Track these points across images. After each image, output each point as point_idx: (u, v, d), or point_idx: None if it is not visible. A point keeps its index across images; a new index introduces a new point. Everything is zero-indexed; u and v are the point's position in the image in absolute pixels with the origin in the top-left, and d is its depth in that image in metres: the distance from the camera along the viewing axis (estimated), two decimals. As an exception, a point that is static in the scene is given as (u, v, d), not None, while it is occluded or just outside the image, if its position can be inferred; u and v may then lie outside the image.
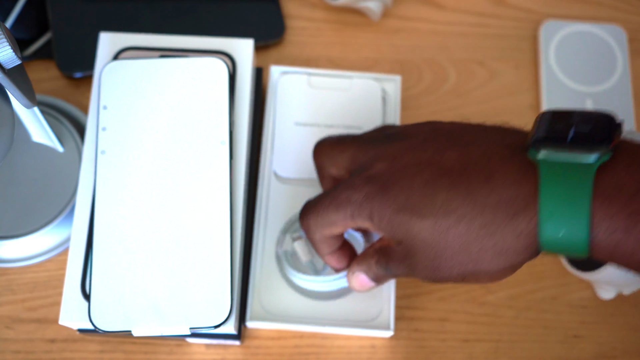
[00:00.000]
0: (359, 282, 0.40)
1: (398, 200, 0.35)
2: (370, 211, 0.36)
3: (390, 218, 0.35)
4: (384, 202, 0.35)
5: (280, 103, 0.53)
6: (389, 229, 0.35)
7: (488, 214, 0.32)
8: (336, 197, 0.37)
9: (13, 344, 0.49)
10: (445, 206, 0.33)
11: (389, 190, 0.35)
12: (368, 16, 0.60)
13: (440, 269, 0.35)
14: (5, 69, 0.37)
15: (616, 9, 0.62)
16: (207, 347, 0.49)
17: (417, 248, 0.35)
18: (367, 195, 0.36)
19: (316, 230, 0.39)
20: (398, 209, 0.35)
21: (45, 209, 0.50)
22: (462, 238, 0.33)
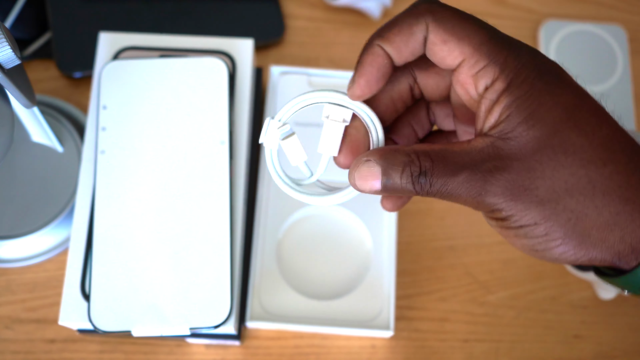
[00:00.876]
0: (363, 175, 0.29)
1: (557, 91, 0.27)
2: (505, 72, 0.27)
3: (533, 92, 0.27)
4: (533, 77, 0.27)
5: (280, 103, 0.53)
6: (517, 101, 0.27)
7: (636, 179, 0.27)
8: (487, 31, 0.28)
9: (12, 344, 0.49)
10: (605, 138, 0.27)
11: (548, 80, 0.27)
12: (368, 16, 0.60)
13: (530, 192, 0.27)
14: (4, 69, 0.37)
15: (616, 9, 0.62)
16: (207, 347, 0.49)
17: (525, 149, 0.27)
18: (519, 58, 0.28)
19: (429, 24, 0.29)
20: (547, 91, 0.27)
21: (45, 209, 0.50)
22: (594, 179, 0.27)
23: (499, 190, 0.27)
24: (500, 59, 0.27)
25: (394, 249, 0.49)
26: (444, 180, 0.27)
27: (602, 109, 0.28)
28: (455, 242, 0.53)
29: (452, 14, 0.28)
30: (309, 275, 0.49)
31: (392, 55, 0.29)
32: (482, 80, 0.28)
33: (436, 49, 0.29)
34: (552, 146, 0.27)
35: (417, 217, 0.53)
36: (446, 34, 0.28)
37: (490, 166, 0.27)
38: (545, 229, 0.27)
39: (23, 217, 0.50)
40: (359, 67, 0.30)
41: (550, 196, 0.27)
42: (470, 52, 0.28)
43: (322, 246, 0.50)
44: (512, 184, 0.27)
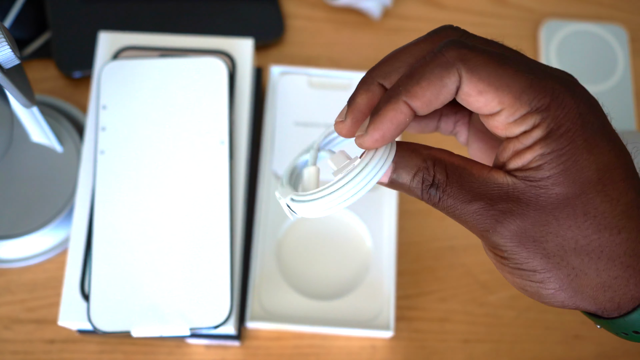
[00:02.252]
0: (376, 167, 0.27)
1: (594, 149, 0.26)
2: (546, 120, 0.26)
3: (570, 148, 0.26)
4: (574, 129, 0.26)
5: (280, 103, 0.53)
6: (551, 154, 0.26)
7: None
8: (528, 77, 0.26)
9: (12, 344, 0.48)
10: (627, 205, 0.26)
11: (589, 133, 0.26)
12: (368, 16, 0.60)
13: (538, 244, 0.26)
14: (4, 69, 0.37)
15: (617, 9, 0.62)
16: (207, 347, 0.49)
17: (547, 202, 0.26)
18: (563, 106, 0.26)
19: (462, 75, 0.26)
20: (585, 149, 0.26)
21: (45, 209, 0.50)
22: (605, 244, 0.26)
23: (507, 234, 0.26)
24: (542, 106, 0.26)
25: (394, 249, 0.49)
26: (455, 202, 0.27)
27: (633, 168, 0.27)
28: (455, 242, 0.53)
29: (486, 60, 0.26)
30: (309, 275, 0.49)
31: (417, 110, 0.27)
32: (519, 127, 0.26)
33: (471, 99, 0.26)
34: (574, 206, 0.26)
35: (417, 217, 0.53)
36: (482, 84, 0.26)
37: (505, 207, 0.26)
38: (543, 278, 0.27)
39: (23, 217, 0.50)
40: (378, 119, 0.27)
41: (557, 252, 0.26)
42: (510, 102, 0.26)
43: (322, 246, 0.50)
44: (523, 231, 0.26)
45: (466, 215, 0.27)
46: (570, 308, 0.28)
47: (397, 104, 0.26)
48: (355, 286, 0.48)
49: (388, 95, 0.27)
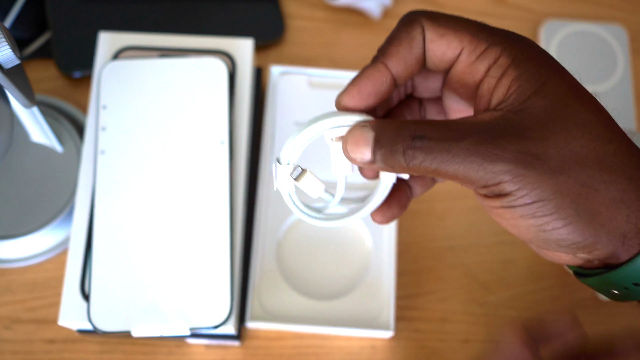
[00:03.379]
0: (355, 140, 0.28)
1: (560, 68, 0.27)
2: (508, 49, 0.27)
3: (538, 67, 0.27)
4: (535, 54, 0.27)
5: (280, 103, 0.53)
6: (524, 74, 0.26)
7: (636, 161, 0.26)
8: (478, 22, 0.29)
9: (12, 344, 0.49)
10: (609, 119, 0.26)
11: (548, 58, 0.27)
12: (368, 16, 0.60)
13: (543, 162, 0.25)
14: (4, 69, 0.37)
15: (617, 9, 0.62)
16: (207, 347, 0.49)
17: (536, 120, 0.26)
18: (517, 39, 0.28)
19: (425, 27, 0.29)
20: (552, 68, 0.27)
21: (45, 209, 0.50)
22: (602, 154, 0.26)
23: (509, 156, 0.25)
24: (500, 40, 0.27)
25: (394, 249, 0.49)
26: (446, 145, 0.25)
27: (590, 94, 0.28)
28: (455, 242, 0.53)
29: (443, 14, 0.29)
30: (309, 276, 0.49)
31: (395, 72, 0.29)
32: (484, 62, 0.27)
33: (434, 45, 0.28)
34: (563, 117, 0.26)
35: (417, 217, 0.53)
36: (442, 28, 0.28)
37: (499, 134, 0.25)
38: (556, 206, 0.25)
39: (23, 217, 0.50)
40: (355, 78, 0.29)
41: (562, 167, 0.25)
42: (468, 39, 0.28)
43: (322, 246, 0.50)
44: (524, 150, 0.25)
45: (460, 156, 0.25)
46: (581, 253, 0.26)
47: (374, 64, 0.29)
48: (355, 286, 0.48)
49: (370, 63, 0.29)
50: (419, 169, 0.26)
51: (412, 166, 0.26)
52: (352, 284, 0.49)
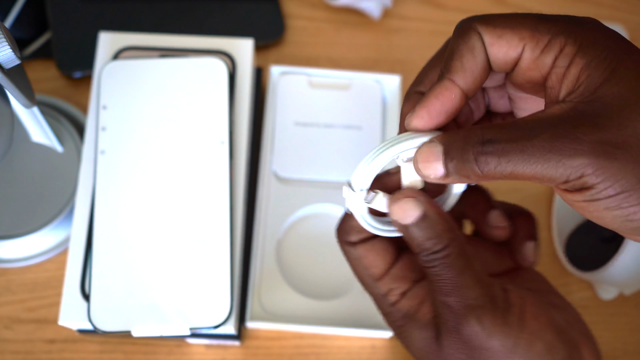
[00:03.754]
0: (425, 157, 0.27)
1: (631, 50, 0.25)
2: (571, 38, 0.26)
3: (607, 53, 0.25)
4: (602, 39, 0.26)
5: (280, 103, 0.53)
6: (592, 63, 0.25)
7: None
8: (535, 15, 0.28)
9: (12, 344, 0.49)
10: None
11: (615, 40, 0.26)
12: (368, 16, 0.60)
13: (624, 151, 0.24)
14: (4, 69, 0.37)
15: (617, 9, 0.62)
16: (207, 347, 0.49)
17: (610, 108, 0.24)
18: (580, 25, 0.27)
19: (480, 31, 0.28)
20: (622, 50, 0.25)
21: (45, 209, 0.50)
22: None
23: (587, 149, 0.24)
24: (562, 28, 0.26)
25: (394, 249, 0.49)
26: (519, 145, 0.24)
27: None
28: (455, 242, 0.53)
29: (497, 15, 0.28)
30: (309, 275, 0.49)
31: (463, 85, 0.28)
32: (550, 54, 0.26)
33: (495, 48, 0.27)
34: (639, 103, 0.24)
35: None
36: (499, 29, 0.27)
37: (575, 124, 0.24)
38: None
39: (23, 217, 0.50)
40: (424, 98, 0.28)
41: None
42: (529, 34, 0.27)
43: (322, 246, 0.50)
44: (603, 141, 0.24)
45: (535, 154, 0.24)
46: None
47: (440, 81, 0.27)
48: (356, 286, 0.48)
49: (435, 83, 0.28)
50: (494, 174, 0.25)
51: (487, 172, 0.25)
52: (352, 283, 0.49)
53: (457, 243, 0.29)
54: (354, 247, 0.32)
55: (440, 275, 0.28)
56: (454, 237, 0.28)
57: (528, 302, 0.29)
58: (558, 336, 0.29)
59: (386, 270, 0.32)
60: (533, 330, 0.28)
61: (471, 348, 0.28)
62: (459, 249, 0.28)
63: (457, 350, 0.29)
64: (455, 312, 0.28)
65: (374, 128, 0.52)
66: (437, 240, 0.28)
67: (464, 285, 0.28)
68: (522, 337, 0.28)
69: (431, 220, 0.28)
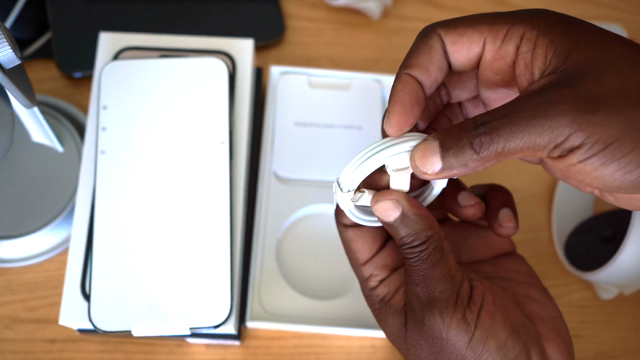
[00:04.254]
0: (423, 154, 0.28)
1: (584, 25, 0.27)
2: (528, 24, 0.27)
3: (566, 29, 0.27)
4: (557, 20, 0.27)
5: (280, 103, 0.53)
6: (555, 39, 0.27)
7: None
8: (490, 13, 0.29)
9: (13, 344, 0.49)
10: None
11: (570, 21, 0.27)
12: (368, 16, 0.60)
13: (605, 102, 0.25)
14: (5, 69, 0.37)
15: (616, 9, 0.62)
16: (207, 347, 0.49)
17: (584, 70, 0.26)
18: (533, 14, 0.28)
19: (440, 33, 0.30)
20: (577, 26, 0.27)
21: (45, 209, 0.50)
22: None
23: (568, 107, 0.25)
24: (518, 18, 0.28)
25: (394, 249, 0.49)
26: (507, 120, 0.26)
27: None
28: (455, 242, 0.53)
29: (455, 18, 0.30)
30: (309, 275, 0.49)
31: (421, 80, 0.30)
32: (511, 42, 0.28)
33: (457, 46, 0.29)
34: (610, 60, 0.25)
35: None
36: (459, 29, 0.29)
37: (553, 91, 0.25)
38: (633, 141, 0.24)
39: (23, 217, 0.50)
40: (391, 96, 0.30)
41: (625, 103, 0.25)
42: (487, 28, 0.28)
43: (322, 246, 0.50)
44: (582, 97, 0.25)
45: (520, 125, 0.25)
46: None
47: (399, 77, 0.30)
48: (355, 286, 0.49)
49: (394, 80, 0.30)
50: (489, 155, 0.26)
51: (483, 155, 0.26)
52: (352, 283, 0.49)
53: (435, 239, 0.31)
54: (346, 229, 0.35)
55: (415, 267, 0.31)
56: (432, 234, 0.31)
57: (488, 301, 0.31)
58: (512, 335, 0.30)
59: (370, 257, 0.35)
60: (487, 328, 0.30)
61: (432, 337, 0.30)
62: (435, 245, 0.30)
63: (420, 337, 0.31)
64: (422, 303, 0.30)
65: (374, 128, 0.52)
66: (415, 237, 0.30)
67: (433, 278, 0.30)
68: (477, 334, 0.30)
69: (410, 219, 0.30)
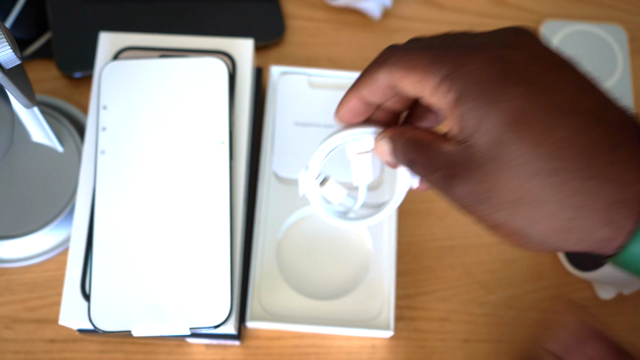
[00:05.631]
0: (381, 150, 0.35)
1: (511, 101, 0.27)
2: (467, 90, 0.28)
3: (485, 116, 0.28)
4: (492, 92, 0.28)
5: (280, 103, 0.53)
6: (472, 124, 0.28)
7: (593, 186, 0.26)
8: (447, 51, 0.30)
9: (13, 344, 0.49)
10: (557, 146, 0.27)
11: (508, 85, 0.28)
12: (368, 16, 0.60)
13: (485, 201, 0.28)
14: (5, 69, 0.37)
15: (616, 9, 0.62)
16: (207, 347, 0.49)
17: (478, 166, 0.28)
18: (479, 73, 0.28)
19: (383, 67, 0.32)
20: (504, 111, 0.27)
21: (45, 209, 0.50)
22: (543, 191, 0.27)
23: (461, 195, 0.29)
24: (450, 70, 0.29)
25: (394, 249, 0.49)
26: (424, 173, 0.31)
27: (563, 104, 0.27)
28: (455, 242, 0.53)
29: (404, 52, 0.31)
30: (309, 275, 0.49)
31: (366, 98, 0.34)
32: (437, 98, 0.30)
33: (401, 86, 0.31)
34: (498, 159, 0.27)
35: (417, 217, 0.53)
36: (402, 70, 0.31)
37: (454, 172, 0.29)
38: (509, 231, 0.28)
39: (23, 217, 0.50)
40: (340, 104, 0.35)
41: (506, 205, 0.28)
42: (419, 79, 0.30)
43: (322, 246, 0.50)
44: (472, 191, 0.29)
45: (433, 183, 0.30)
46: (559, 251, 0.29)
47: (347, 95, 0.34)
48: (355, 286, 0.49)
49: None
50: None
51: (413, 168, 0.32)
52: (352, 284, 0.49)
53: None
54: None
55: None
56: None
57: None
58: None
59: None
60: None
61: None
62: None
63: None
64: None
65: (374, 128, 0.52)
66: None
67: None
68: None
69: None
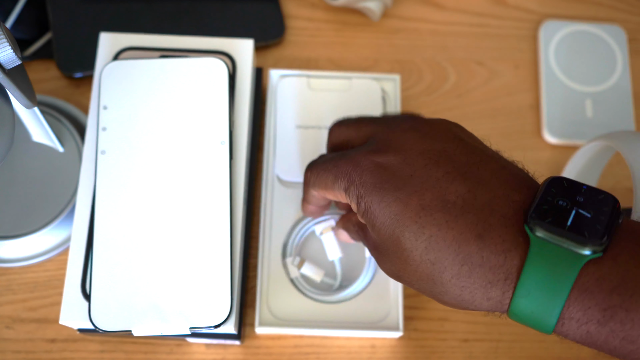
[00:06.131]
0: (344, 237, 0.46)
1: (390, 206, 0.35)
2: (360, 197, 0.36)
3: (376, 216, 0.35)
4: (376, 197, 0.35)
5: (280, 106, 0.53)
6: (370, 221, 0.36)
7: (466, 271, 0.32)
8: (339, 167, 0.38)
9: (13, 344, 0.49)
10: (430, 240, 0.33)
11: (386, 191, 0.35)
12: (368, 16, 0.60)
13: (401, 278, 0.36)
14: (5, 69, 0.37)
15: (616, 9, 0.62)
16: (207, 347, 0.49)
17: (387, 251, 0.35)
18: (365, 182, 0.36)
19: (312, 187, 0.41)
20: (387, 213, 0.35)
21: (45, 209, 0.50)
22: (433, 273, 0.33)
23: (386, 271, 0.37)
24: (346, 185, 0.37)
25: (393, 249, 0.49)
26: (367, 244, 0.41)
27: (430, 203, 0.34)
28: (454, 241, 0.53)
29: (317, 172, 0.40)
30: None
31: (318, 204, 0.45)
32: (349, 201, 0.38)
33: (327, 198, 0.43)
34: (394, 249, 0.35)
35: (417, 217, 0.53)
36: (320, 190, 0.41)
37: (377, 255, 0.38)
38: (429, 295, 0.35)
39: (23, 217, 0.50)
40: (302, 207, 0.47)
41: (415, 281, 0.35)
42: (331, 193, 0.40)
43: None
44: (390, 270, 0.37)
45: (371, 252, 0.39)
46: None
47: (303, 203, 0.46)
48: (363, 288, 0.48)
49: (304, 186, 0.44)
50: None
51: None
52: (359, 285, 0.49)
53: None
54: None
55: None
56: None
57: None
58: None
59: None
60: None
61: None
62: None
63: None
64: None
65: (373, 128, 0.52)
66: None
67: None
68: None
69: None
